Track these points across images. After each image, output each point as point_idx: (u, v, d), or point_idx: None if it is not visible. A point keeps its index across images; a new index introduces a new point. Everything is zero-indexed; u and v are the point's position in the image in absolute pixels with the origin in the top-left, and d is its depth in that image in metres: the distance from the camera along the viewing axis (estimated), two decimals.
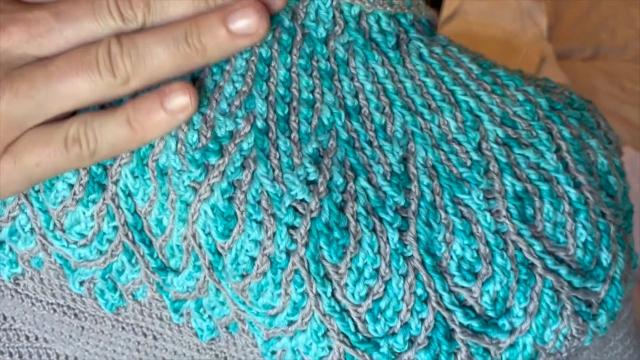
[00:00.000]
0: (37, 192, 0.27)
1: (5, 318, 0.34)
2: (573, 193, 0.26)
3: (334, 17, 0.28)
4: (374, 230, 0.25)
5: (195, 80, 0.26)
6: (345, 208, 0.25)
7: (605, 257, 0.26)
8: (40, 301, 0.31)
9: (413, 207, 0.26)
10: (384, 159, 0.26)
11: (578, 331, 0.26)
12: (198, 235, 0.26)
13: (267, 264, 0.25)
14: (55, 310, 0.31)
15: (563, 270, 0.26)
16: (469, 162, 0.26)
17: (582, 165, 0.28)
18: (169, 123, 0.25)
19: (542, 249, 0.26)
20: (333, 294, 0.25)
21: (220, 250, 0.26)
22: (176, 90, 0.25)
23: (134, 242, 0.27)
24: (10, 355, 0.34)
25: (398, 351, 0.25)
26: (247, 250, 0.25)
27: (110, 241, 0.27)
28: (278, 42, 0.27)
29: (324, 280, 0.25)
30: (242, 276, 0.26)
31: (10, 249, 0.29)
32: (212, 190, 0.25)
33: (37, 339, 0.35)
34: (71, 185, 0.27)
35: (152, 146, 0.26)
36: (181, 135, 0.25)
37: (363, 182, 0.26)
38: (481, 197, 0.26)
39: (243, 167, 0.25)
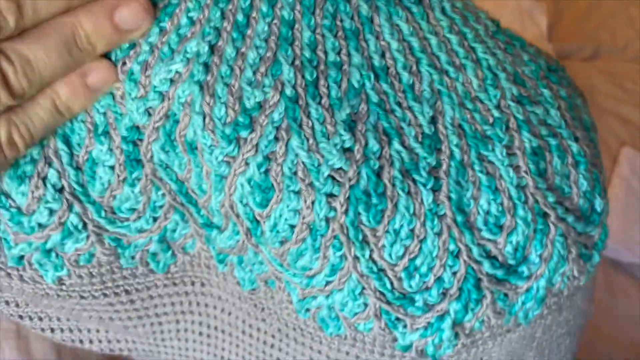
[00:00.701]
0: (82, 186, 0.27)
1: (50, 318, 0.35)
2: (575, 146, 0.28)
3: None
4: (409, 192, 0.26)
5: (214, 47, 0.25)
6: (382, 173, 0.25)
7: (598, 203, 0.28)
8: (89, 292, 0.31)
9: (444, 167, 0.26)
10: (415, 120, 0.26)
11: (579, 272, 0.28)
12: (235, 205, 0.26)
13: (306, 231, 0.25)
14: (105, 295, 0.31)
15: (570, 218, 0.27)
16: (491, 120, 0.27)
17: (577, 122, 0.29)
18: (92, 98, 0.26)
19: (554, 200, 0.27)
20: (371, 256, 0.26)
21: (258, 218, 0.26)
22: (96, 69, 0.25)
23: (182, 205, 0.27)
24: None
25: (432, 303, 0.26)
26: (286, 219, 0.25)
27: (161, 207, 0.27)
28: (300, 2, 0.26)
29: (362, 244, 0.26)
30: (281, 242, 0.26)
31: (57, 255, 0.28)
32: (247, 164, 0.25)
33: (80, 330, 0.36)
34: (112, 168, 0.26)
35: (176, 121, 0.25)
36: (207, 110, 0.25)
37: (397, 145, 0.26)
38: (504, 154, 0.27)
39: (276, 139, 0.25)
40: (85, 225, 0.27)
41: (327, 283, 0.27)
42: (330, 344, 0.29)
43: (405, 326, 0.27)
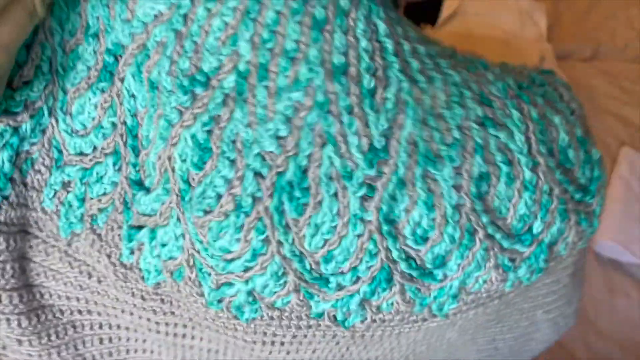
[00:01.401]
0: (61, 66, 0.27)
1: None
2: (528, 174, 0.28)
3: None
4: (335, 195, 0.26)
5: (193, 2, 0.25)
6: (308, 172, 0.25)
7: (537, 226, 0.28)
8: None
9: (384, 179, 0.26)
10: (364, 130, 0.25)
11: (497, 279, 0.29)
12: (174, 159, 0.26)
13: (231, 204, 0.25)
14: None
15: (498, 235, 0.28)
16: (449, 140, 0.27)
17: (544, 145, 0.29)
18: None
19: (487, 220, 0.27)
20: (293, 242, 0.26)
21: (190, 180, 0.26)
22: None
23: (125, 145, 0.27)
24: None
25: (344, 285, 0.27)
26: (215, 186, 0.26)
27: (105, 137, 0.27)
28: None
29: (286, 230, 0.26)
30: (205, 212, 0.26)
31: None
32: (194, 119, 0.25)
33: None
34: (89, 68, 0.27)
35: (148, 56, 0.26)
36: (175, 57, 0.25)
37: (330, 151, 0.25)
38: (451, 175, 0.26)
39: (224, 103, 0.25)
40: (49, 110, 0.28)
41: (247, 269, 0.27)
42: (246, 328, 0.29)
43: (318, 300, 0.28)
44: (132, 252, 0.28)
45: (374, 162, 0.26)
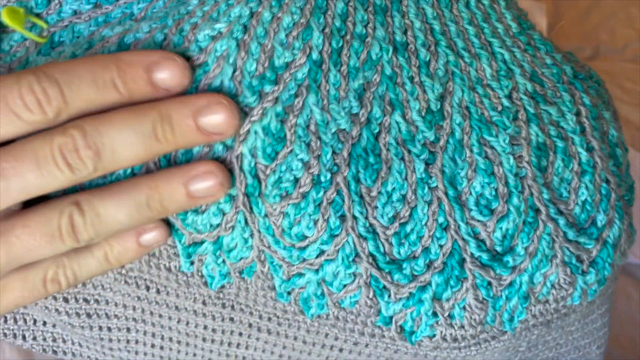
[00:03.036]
0: None
1: None
2: (584, 155, 0.29)
3: None
4: (402, 159, 0.28)
5: (253, 13, 0.27)
6: (379, 138, 0.28)
7: (600, 219, 0.29)
8: None
9: (442, 142, 0.28)
10: (423, 95, 0.28)
11: (565, 281, 0.29)
12: (242, 156, 0.27)
13: (310, 184, 0.27)
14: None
15: (561, 221, 0.28)
16: (499, 107, 0.29)
17: (597, 132, 0.30)
18: (141, 255, 0.27)
19: (548, 198, 0.28)
20: (367, 216, 0.27)
21: (260, 174, 0.27)
22: (151, 228, 0.27)
23: (158, 169, 0.27)
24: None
25: (417, 273, 0.28)
26: (292, 170, 0.27)
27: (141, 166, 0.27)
28: None
29: (361, 201, 0.27)
30: (282, 197, 0.27)
31: None
32: (264, 114, 0.26)
33: (24, 321, 0.35)
34: None
35: (206, 70, 0.27)
36: (239, 63, 0.27)
37: (398, 117, 0.28)
38: (507, 141, 0.28)
39: (296, 95, 0.27)
40: None
41: (320, 253, 0.28)
42: (309, 327, 0.30)
43: (389, 296, 0.28)
44: (192, 263, 0.29)
45: (432, 124, 0.28)
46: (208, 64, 0.27)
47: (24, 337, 0.35)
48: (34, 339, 0.35)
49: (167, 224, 0.28)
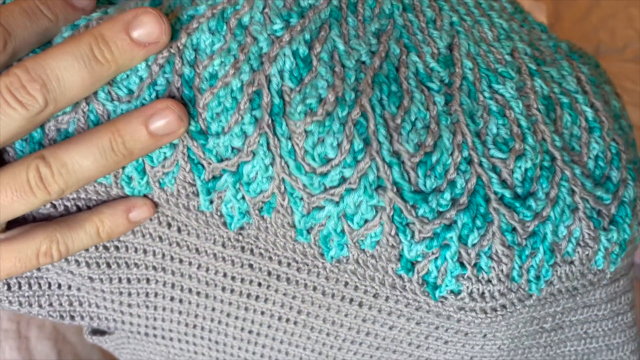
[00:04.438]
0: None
1: None
2: (590, 112, 0.29)
3: None
4: (422, 92, 0.29)
5: None
6: (400, 70, 0.29)
7: (615, 175, 0.29)
8: None
9: (457, 83, 0.29)
10: (433, 43, 0.30)
11: (589, 236, 0.28)
12: (270, 76, 0.27)
13: (334, 102, 0.27)
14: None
15: (577, 170, 0.28)
16: (504, 62, 0.30)
17: (599, 97, 0.31)
18: (129, 229, 0.29)
19: (561, 145, 0.28)
20: (391, 142, 0.27)
21: (285, 95, 0.27)
22: (141, 204, 0.28)
23: (181, 98, 0.28)
24: (8, 286, 0.33)
25: (442, 209, 0.27)
26: (317, 88, 0.27)
27: (158, 95, 0.28)
28: None
29: (386, 126, 0.27)
30: (306, 114, 0.27)
31: None
32: (293, 38, 0.27)
33: (38, 269, 0.34)
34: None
35: (236, 8, 0.28)
36: (269, 1, 0.28)
37: (414, 56, 0.30)
38: (514, 89, 0.29)
39: (320, 29, 0.29)
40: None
41: (342, 180, 0.27)
42: (329, 274, 0.30)
43: (413, 236, 0.27)
44: (211, 202, 0.29)
45: (446, 67, 0.30)
46: (239, 3, 0.28)
47: (40, 305, 0.35)
48: (50, 304, 0.35)
49: (185, 159, 0.28)
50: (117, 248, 0.32)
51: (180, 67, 0.27)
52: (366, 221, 0.27)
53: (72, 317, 0.36)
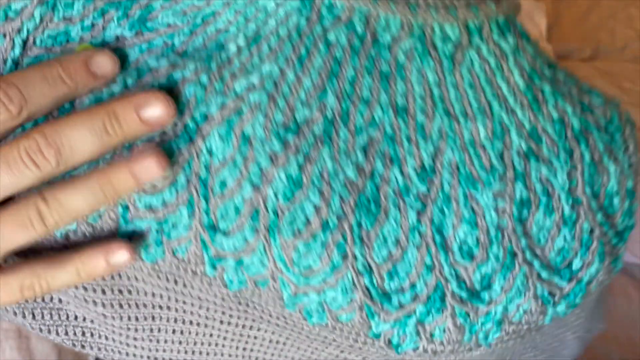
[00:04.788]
0: None
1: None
2: (567, 209, 0.32)
3: (402, 25, 0.32)
4: (398, 207, 0.31)
5: (282, 70, 0.31)
6: (380, 189, 0.31)
7: (576, 263, 0.32)
8: None
9: (432, 195, 0.31)
10: (418, 153, 0.31)
11: (537, 310, 0.32)
12: (267, 197, 0.30)
13: (319, 226, 0.30)
14: None
15: (536, 263, 0.31)
16: (488, 167, 0.32)
17: (590, 187, 0.32)
18: (110, 272, 0.31)
19: (526, 244, 0.31)
20: (365, 256, 0.31)
21: (279, 211, 0.30)
22: (119, 248, 0.30)
23: (198, 196, 0.31)
24: (33, 315, 0.38)
25: (404, 304, 0.31)
26: (304, 212, 0.30)
27: (178, 192, 0.31)
28: (350, 46, 0.32)
29: (361, 242, 0.31)
30: (294, 234, 0.30)
31: None
32: (288, 160, 0.30)
33: (60, 301, 0.37)
34: (164, 133, 0.30)
35: (241, 115, 0.30)
36: (270, 114, 0.30)
37: (396, 171, 0.31)
38: (491, 197, 0.31)
39: (314, 145, 0.31)
40: None
41: (323, 282, 0.31)
42: (311, 330, 0.34)
43: (379, 318, 0.32)
44: (215, 269, 0.32)
45: (424, 179, 0.31)
46: (243, 111, 0.31)
47: (57, 333, 0.39)
48: (66, 333, 0.39)
49: (199, 242, 0.32)
50: (129, 292, 0.35)
51: (197, 169, 0.31)
52: (342, 307, 0.32)
53: (83, 347, 0.39)
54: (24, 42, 0.30)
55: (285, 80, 0.31)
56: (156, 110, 0.29)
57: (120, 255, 0.30)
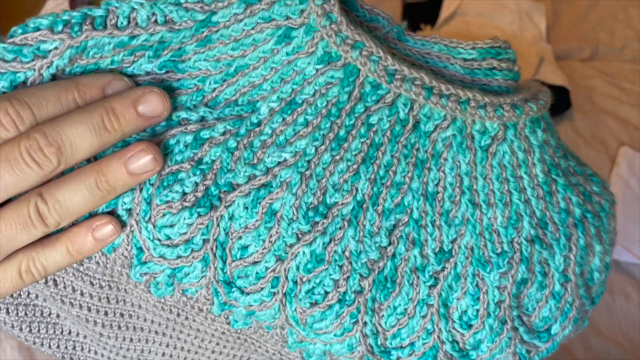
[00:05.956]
0: (152, 184, 0.31)
1: (37, 296, 0.37)
2: (557, 287, 0.34)
3: (445, 114, 0.32)
4: (412, 284, 0.32)
5: (317, 149, 0.31)
6: (399, 267, 0.32)
7: (555, 328, 0.35)
8: (92, 284, 0.35)
9: (445, 273, 0.33)
10: (440, 237, 0.33)
11: None
12: (289, 269, 0.31)
13: (336, 299, 0.32)
14: (100, 298, 0.36)
15: (522, 329, 0.34)
16: (499, 250, 0.33)
17: (579, 267, 0.35)
18: (99, 247, 0.31)
19: (516, 314, 0.34)
20: (374, 322, 0.32)
21: (299, 281, 0.31)
22: (103, 223, 0.31)
23: (214, 256, 0.31)
24: (30, 328, 0.39)
25: (401, 356, 0.33)
26: (324, 285, 0.32)
27: (193, 250, 0.31)
28: (391, 130, 0.32)
29: (373, 313, 0.32)
30: (312, 304, 0.32)
31: None
32: (314, 239, 0.31)
33: (58, 316, 0.39)
34: (184, 194, 0.30)
35: (270, 191, 0.31)
36: (300, 194, 0.31)
37: (416, 252, 0.32)
38: (497, 277, 0.33)
39: (340, 227, 0.31)
40: (130, 211, 0.31)
41: (332, 338, 0.33)
42: None
43: None
44: (222, 311, 0.33)
45: (442, 260, 0.33)
46: (272, 186, 0.31)
47: (49, 346, 0.40)
48: (58, 347, 0.40)
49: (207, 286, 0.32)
50: (130, 316, 0.37)
51: (216, 232, 0.31)
52: (344, 355, 0.33)
53: (72, 359, 0.41)
54: (53, 75, 0.30)
55: (320, 161, 0.31)
56: (152, 103, 0.30)
57: (105, 230, 0.31)
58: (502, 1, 1.21)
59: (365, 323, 0.32)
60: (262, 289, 0.32)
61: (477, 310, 0.33)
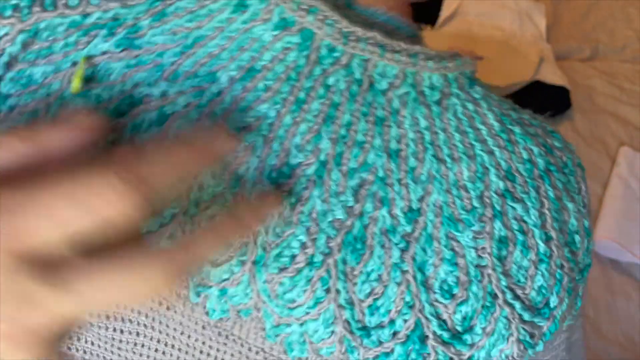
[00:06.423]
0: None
1: None
2: (542, 246, 0.33)
3: (397, 73, 0.33)
4: (383, 246, 0.32)
5: (279, 112, 0.32)
6: (368, 228, 0.32)
7: (553, 300, 0.34)
8: None
9: (416, 234, 0.33)
10: (407, 195, 0.33)
11: (518, 355, 0.33)
12: (258, 233, 0.31)
13: (304, 262, 0.31)
14: None
15: (517, 305, 0.33)
16: (469, 207, 0.33)
17: (557, 223, 0.35)
18: None
19: (506, 285, 0.33)
20: (347, 290, 0.32)
21: (267, 247, 0.31)
22: None
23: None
24: None
25: (383, 340, 0.32)
26: (291, 248, 0.31)
27: (161, 224, 0.30)
28: (349, 90, 0.32)
29: (345, 278, 0.32)
30: (280, 269, 0.31)
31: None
32: (281, 201, 0.31)
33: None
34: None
35: (236, 156, 0.31)
36: (263, 156, 0.31)
37: (384, 212, 0.32)
38: (471, 237, 0.32)
39: (306, 187, 0.32)
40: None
41: (306, 313, 0.32)
42: None
43: (359, 354, 0.33)
44: (198, 296, 0.33)
45: (411, 220, 0.32)
46: (237, 151, 0.31)
47: None
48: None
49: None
50: (116, 305, 0.37)
51: (184, 205, 0.31)
52: (323, 339, 0.33)
53: (69, 349, 0.40)
54: (7, 64, 0.29)
55: (281, 124, 0.32)
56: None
57: None
58: (502, 1, 1.21)
59: (338, 291, 0.32)
60: (231, 257, 0.31)
61: (457, 277, 0.32)
